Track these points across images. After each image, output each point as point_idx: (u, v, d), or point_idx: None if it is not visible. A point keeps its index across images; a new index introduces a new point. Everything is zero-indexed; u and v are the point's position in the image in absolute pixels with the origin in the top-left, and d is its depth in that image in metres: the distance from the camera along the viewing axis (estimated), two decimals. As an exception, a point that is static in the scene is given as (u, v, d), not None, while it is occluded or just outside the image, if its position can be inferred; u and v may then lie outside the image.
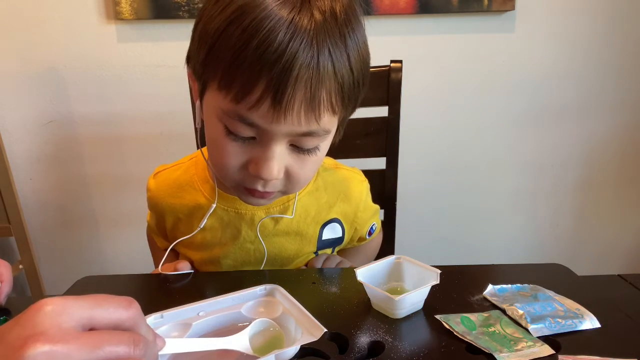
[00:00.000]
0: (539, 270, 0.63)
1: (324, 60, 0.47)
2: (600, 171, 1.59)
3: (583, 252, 1.69)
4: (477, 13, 1.38)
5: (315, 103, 0.48)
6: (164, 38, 1.36)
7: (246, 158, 0.53)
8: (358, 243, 0.82)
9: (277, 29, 0.45)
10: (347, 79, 0.50)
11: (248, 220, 0.69)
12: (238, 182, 0.57)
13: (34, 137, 1.44)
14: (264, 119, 0.48)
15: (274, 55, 0.45)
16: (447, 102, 1.48)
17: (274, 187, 0.56)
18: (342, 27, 0.48)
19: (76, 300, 0.32)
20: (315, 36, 0.46)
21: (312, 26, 0.46)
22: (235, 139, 0.52)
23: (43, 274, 1.49)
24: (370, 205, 0.79)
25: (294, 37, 0.45)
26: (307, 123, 0.49)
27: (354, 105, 0.55)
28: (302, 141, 0.52)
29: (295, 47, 0.45)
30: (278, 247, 0.71)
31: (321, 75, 0.47)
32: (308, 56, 0.46)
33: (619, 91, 1.50)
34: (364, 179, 0.77)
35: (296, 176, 0.55)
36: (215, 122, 0.52)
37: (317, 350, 0.47)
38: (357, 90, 0.53)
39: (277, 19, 0.45)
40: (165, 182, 0.72)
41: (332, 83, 0.49)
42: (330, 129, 0.54)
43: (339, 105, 0.51)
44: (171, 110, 1.41)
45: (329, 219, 0.73)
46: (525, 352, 0.45)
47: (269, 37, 0.45)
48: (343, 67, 0.49)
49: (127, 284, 0.65)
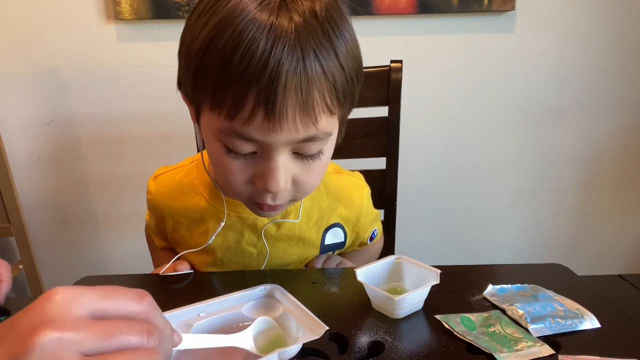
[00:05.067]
0: (539, 270, 0.63)
1: (310, 63, 0.46)
2: (600, 171, 1.59)
3: (583, 252, 1.69)
4: (477, 13, 1.38)
5: (309, 107, 0.47)
6: (164, 38, 1.36)
7: (251, 173, 0.53)
8: (359, 248, 0.82)
9: (258, 38, 0.44)
10: (338, 77, 0.49)
11: (251, 224, 0.68)
12: (248, 197, 0.56)
13: (34, 137, 1.44)
14: (260, 132, 0.48)
15: (259, 65, 0.44)
16: (447, 102, 1.48)
17: (283, 198, 0.55)
18: (325, 25, 0.47)
19: (87, 290, 0.31)
20: (298, 39, 0.45)
21: (293, 29, 0.45)
22: (236, 156, 0.51)
23: (43, 274, 1.49)
24: (372, 211, 0.78)
25: (275, 43, 0.44)
26: (305, 128, 0.48)
27: (351, 102, 0.54)
28: (304, 147, 0.51)
29: (278, 54, 0.44)
30: (281, 252, 0.71)
31: (310, 78, 0.46)
32: (293, 61, 0.45)
33: (619, 91, 1.50)
34: (365, 184, 0.77)
35: (304, 183, 0.55)
36: (214, 142, 0.52)
37: (317, 350, 0.47)
38: (352, 87, 0.52)
39: (257, 27, 0.44)
40: (166, 185, 0.71)
41: (323, 84, 0.47)
42: (331, 131, 0.53)
43: (334, 104, 0.50)
44: (171, 110, 1.41)
45: (331, 223, 0.72)
46: (525, 352, 0.45)
47: (250, 48, 0.44)
48: (332, 65, 0.48)
49: (127, 284, 0.64)
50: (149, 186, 0.73)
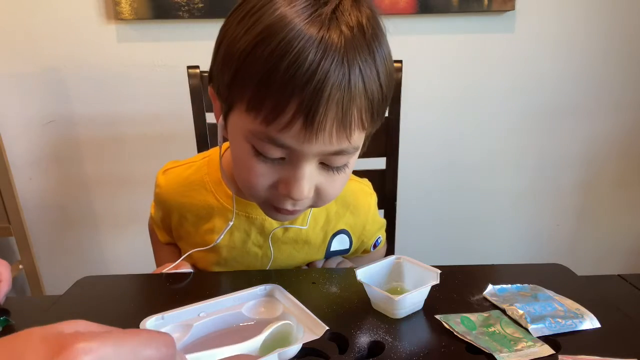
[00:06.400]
0: (539, 270, 0.63)
1: (355, 79, 0.46)
2: (600, 171, 1.59)
3: (583, 252, 1.69)
4: (477, 13, 1.38)
5: (347, 122, 0.47)
6: (164, 38, 1.36)
7: (276, 178, 0.53)
8: (362, 255, 0.82)
9: (307, 49, 0.44)
10: (376, 95, 0.49)
11: (258, 225, 0.68)
12: (266, 199, 0.56)
13: (34, 137, 1.44)
14: (296, 140, 0.48)
15: (305, 76, 0.44)
16: (447, 102, 1.48)
17: (303, 205, 0.56)
18: (370, 41, 0.47)
19: (116, 347, 0.24)
20: (346, 54, 0.45)
21: (342, 43, 0.45)
22: (264, 160, 0.51)
23: (43, 274, 1.49)
24: (378, 219, 0.78)
25: (324, 56, 0.44)
26: (339, 142, 0.49)
27: (382, 119, 0.54)
28: (332, 159, 0.51)
29: (326, 67, 0.44)
30: (286, 255, 0.71)
31: (352, 94, 0.46)
32: (340, 75, 0.45)
33: (619, 91, 1.50)
34: (372, 192, 0.77)
35: (326, 193, 0.55)
36: (243, 143, 0.51)
37: (317, 350, 0.47)
38: (385, 105, 0.52)
39: (307, 39, 0.44)
40: (175, 180, 0.71)
41: (362, 100, 0.48)
42: (359, 145, 0.53)
43: (368, 121, 0.50)
44: (171, 110, 1.41)
45: (337, 229, 0.72)
46: (525, 352, 0.45)
47: (299, 57, 0.44)
48: (373, 83, 0.48)
49: (127, 284, 0.65)
50: (158, 179, 0.73)
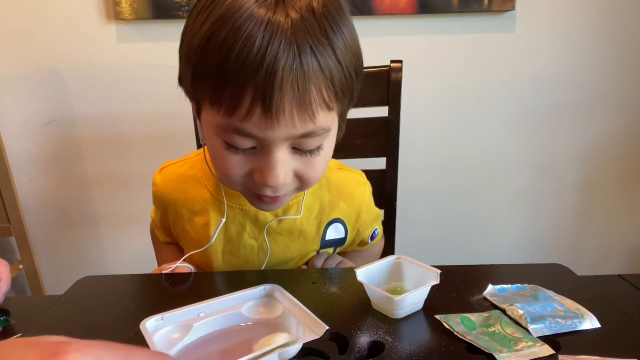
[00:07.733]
0: (539, 270, 0.63)
1: (306, 58, 0.46)
2: (600, 171, 1.59)
3: (583, 252, 1.69)
4: (477, 13, 1.38)
5: (306, 103, 0.47)
6: (164, 38, 1.36)
7: (250, 167, 0.53)
8: (359, 247, 0.82)
9: (255, 34, 0.44)
10: (336, 73, 0.49)
11: (253, 217, 0.69)
12: (247, 189, 0.57)
13: (34, 137, 1.44)
14: (258, 128, 0.48)
15: (255, 62, 0.44)
16: (447, 102, 1.48)
17: (284, 190, 0.56)
18: (322, 21, 0.47)
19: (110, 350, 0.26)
20: (294, 35, 0.45)
21: (289, 25, 0.45)
22: (236, 151, 0.52)
23: (43, 274, 1.49)
24: (373, 209, 0.79)
25: (272, 39, 0.44)
26: (303, 124, 0.49)
27: (350, 98, 0.54)
28: (303, 143, 0.51)
29: (274, 50, 0.44)
30: (282, 246, 0.71)
31: (307, 74, 0.46)
32: (289, 57, 0.45)
33: (619, 91, 1.50)
34: (366, 181, 0.77)
35: (307, 177, 0.55)
36: (214, 138, 0.52)
37: (317, 350, 0.47)
38: (351, 82, 0.52)
39: (254, 24, 0.45)
40: (171, 177, 0.73)
41: (320, 79, 0.47)
42: (329, 126, 0.53)
43: (332, 100, 0.50)
44: (171, 110, 1.41)
45: (332, 218, 0.73)
46: (525, 352, 0.45)
47: (247, 44, 0.44)
48: (329, 61, 0.48)
49: (127, 284, 0.65)
50: (154, 179, 0.74)
